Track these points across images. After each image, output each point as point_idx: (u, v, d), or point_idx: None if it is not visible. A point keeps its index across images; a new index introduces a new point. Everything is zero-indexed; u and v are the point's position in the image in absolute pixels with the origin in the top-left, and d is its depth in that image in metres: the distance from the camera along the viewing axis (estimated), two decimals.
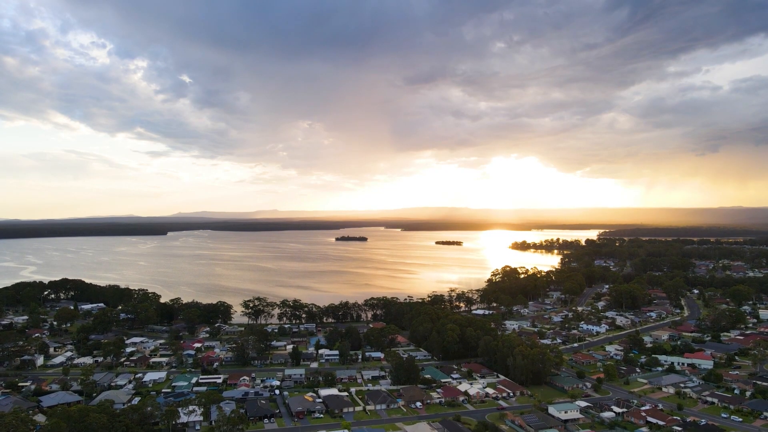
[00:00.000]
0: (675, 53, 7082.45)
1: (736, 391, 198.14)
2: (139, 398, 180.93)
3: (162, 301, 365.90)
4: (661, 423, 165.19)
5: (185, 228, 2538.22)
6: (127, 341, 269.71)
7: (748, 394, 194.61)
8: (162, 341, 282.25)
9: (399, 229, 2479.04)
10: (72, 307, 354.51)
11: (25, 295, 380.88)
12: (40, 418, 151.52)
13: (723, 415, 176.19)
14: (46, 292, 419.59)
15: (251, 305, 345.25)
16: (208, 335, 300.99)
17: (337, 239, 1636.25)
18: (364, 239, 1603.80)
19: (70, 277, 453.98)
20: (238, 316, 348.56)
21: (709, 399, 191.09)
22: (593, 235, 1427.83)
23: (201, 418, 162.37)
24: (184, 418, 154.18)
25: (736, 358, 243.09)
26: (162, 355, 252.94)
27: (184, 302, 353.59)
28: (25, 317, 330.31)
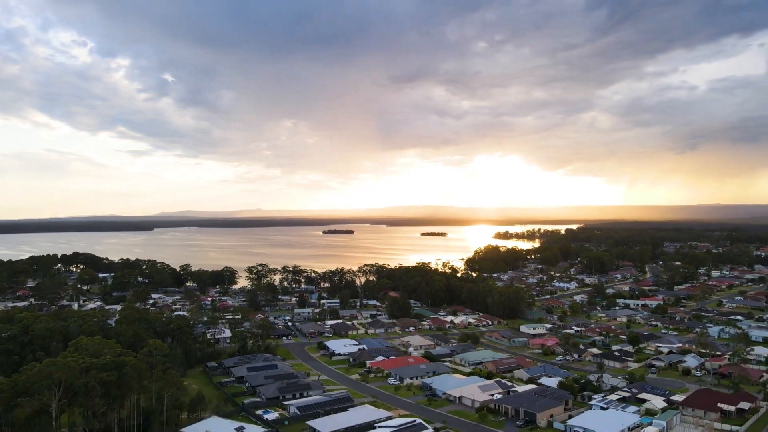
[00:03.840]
0: (653, 53, 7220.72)
1: (677, 319, 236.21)
2: None
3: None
4: (610, 335, 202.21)
5: (170, 226, 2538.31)
6: None
7: (686, 320, 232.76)
8: (178, 297, 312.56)
9: (384, 225, 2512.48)
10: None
11: (42, 264, 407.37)
12: None
13: (662, 330, 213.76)
14: (57, 266, 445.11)
15: (254, 270, 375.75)
16: (218, 294, 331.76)
17: (324, 232, 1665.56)
18: (351, 232, 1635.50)
19: (80, 252, 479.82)
20: (243, 281, 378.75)
21: (654, 323, 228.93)
22: (574, 228, 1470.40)
23: (230, 334, 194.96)
24: (221, 327, 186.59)
25: (683, 300, 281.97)
26: (182, 305, 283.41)
27: (193, 270, 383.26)
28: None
